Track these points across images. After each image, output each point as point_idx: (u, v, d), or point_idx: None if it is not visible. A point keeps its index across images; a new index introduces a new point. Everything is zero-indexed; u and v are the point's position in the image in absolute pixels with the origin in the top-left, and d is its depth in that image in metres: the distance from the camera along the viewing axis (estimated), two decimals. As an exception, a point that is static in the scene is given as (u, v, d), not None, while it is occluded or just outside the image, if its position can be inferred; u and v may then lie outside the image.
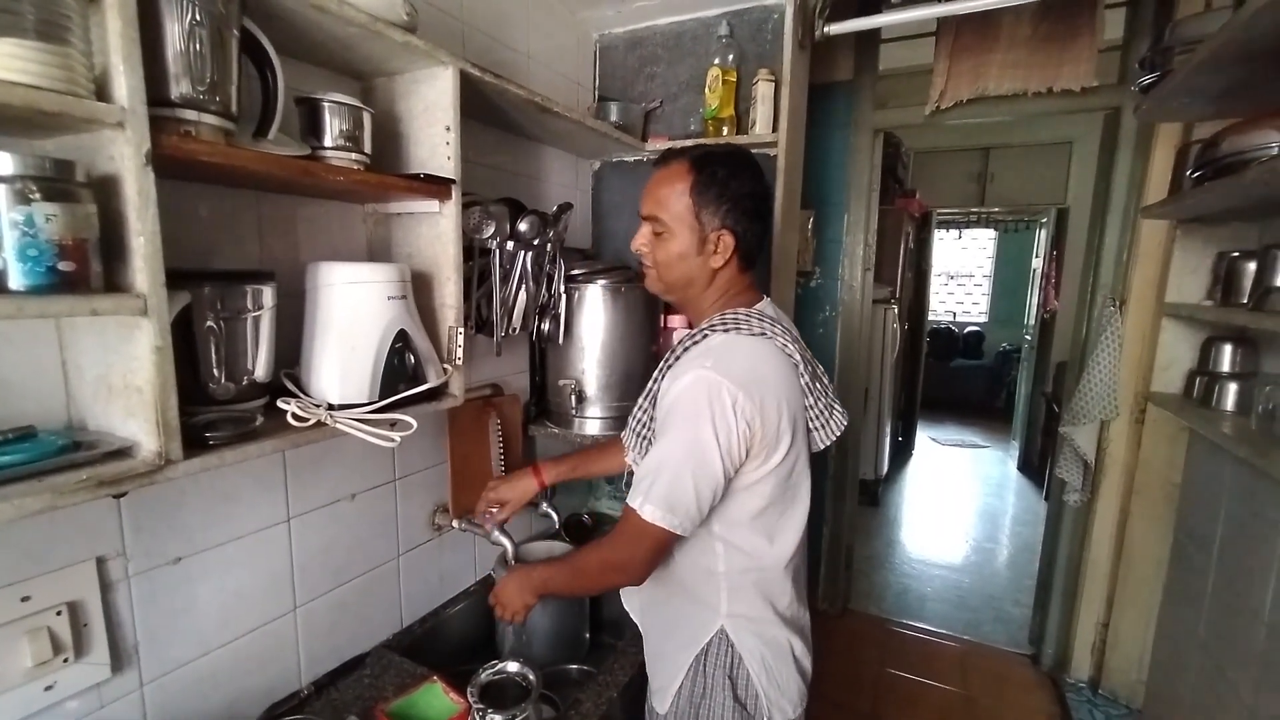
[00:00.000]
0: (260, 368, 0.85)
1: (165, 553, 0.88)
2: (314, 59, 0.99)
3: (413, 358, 0.98)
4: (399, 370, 0.95)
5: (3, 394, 0.70)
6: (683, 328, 1.60)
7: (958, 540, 3.61)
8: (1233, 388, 1.64)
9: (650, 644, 1.09)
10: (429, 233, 1.07)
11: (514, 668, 1.02)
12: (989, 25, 2.09)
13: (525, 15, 1.53)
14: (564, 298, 1.42)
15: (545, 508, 1.45)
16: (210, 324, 0.78)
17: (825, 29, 1.72)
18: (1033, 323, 4.85)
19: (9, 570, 0.73)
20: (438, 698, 1.03)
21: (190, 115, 0.69)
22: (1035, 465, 4.41)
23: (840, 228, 2.44)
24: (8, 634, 0.73)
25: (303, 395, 0.89)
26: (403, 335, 0.95)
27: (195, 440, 0.71)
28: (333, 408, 0.88)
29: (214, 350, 0.79)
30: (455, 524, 1.35)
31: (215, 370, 0.79)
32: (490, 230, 1.19)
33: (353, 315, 0.91)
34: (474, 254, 1.20)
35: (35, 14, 0.55)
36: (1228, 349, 1.71)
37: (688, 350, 0.95)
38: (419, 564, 1.34)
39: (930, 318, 5.83)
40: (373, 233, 1.14)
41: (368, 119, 0.93)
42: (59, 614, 0.77)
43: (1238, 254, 1.63)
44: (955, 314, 7.34)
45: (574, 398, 1.47)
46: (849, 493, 2.73)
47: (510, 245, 1.26)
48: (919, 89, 2.27)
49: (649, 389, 1.02)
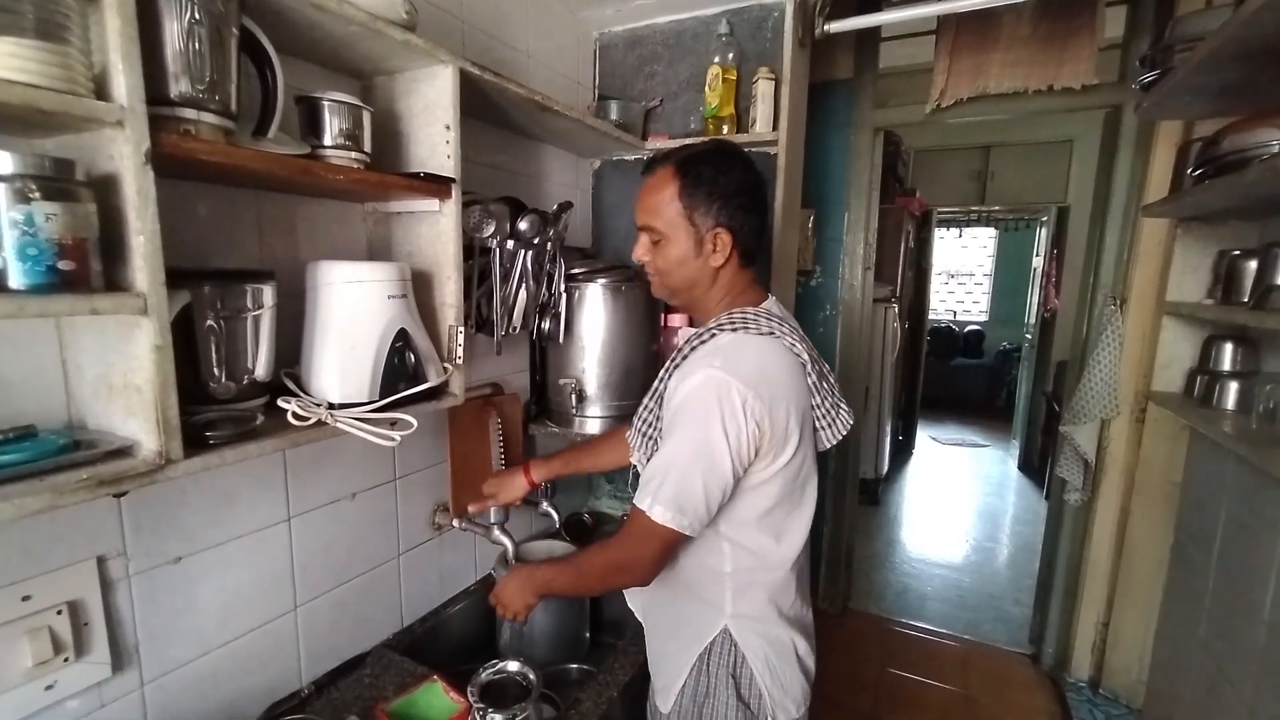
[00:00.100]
0: (260, 367, 0.85)
1: (166, 552, 0.88)
2: (313, 57, 0.99)
3: (413, 357, 0.97)
4: (399, 369, 0.95)
5: (3, 393, 0.70)
6: (683, 326, 1.60)
7: (958, 539, 3.62)
8: (1233, 386, 1.64)
9: (653, 643, 1.09)
10: (429, 232, 1.07)
11: (514, 667, 1.02)
12: (989, 23, 2.09)
13: (525, 14, 1.53)
14: (564, 296, 1.42)
15: (545, 507, 1.44)
16: (210, 323, 0.78)
17: (825, 27, 1.72)
18: (1033, 321, 4.85)
19: (9, 570, 0.73)
20: (438, 697, 1.03)
21: (190, 114, 0.69)
22: (1035, 464, 4.41)
23: (840, 226, 2.44)
24: (8, 633, 0.73)
25: (303, 394, 0.89)
26: (403, 334, 0.95)
27: (195, 439, 0.71)
28: (333, 407, 0.88)
29: (214, 349, 0.79)
30: (455, 523, 1.35)
31: (215, 369, 0.79)
32: (490, 229, 1.19)
33: (353, 314, 0.91)
34: (474, 253, 1.20)
35: (34, 13, 0.55)
36: (1228, 348, 1.71)
37: (695, 349, 0.94)
38: (419, 563, 1.34)
39: (930, 317, 5.83)
40: (373, 232, 1.14)
41: (367, 118, 0.93)
42: (59, 613, 0.76)
43: (1238, 252, 1.63)
44: (955, 313, 7.34)
45: (574, 397, 1.47)
46: (849, 492, 2.73)
47: (510, 244, 1.26)
48: (919, 87, 2.26)
49: (655, 388, 1.01)
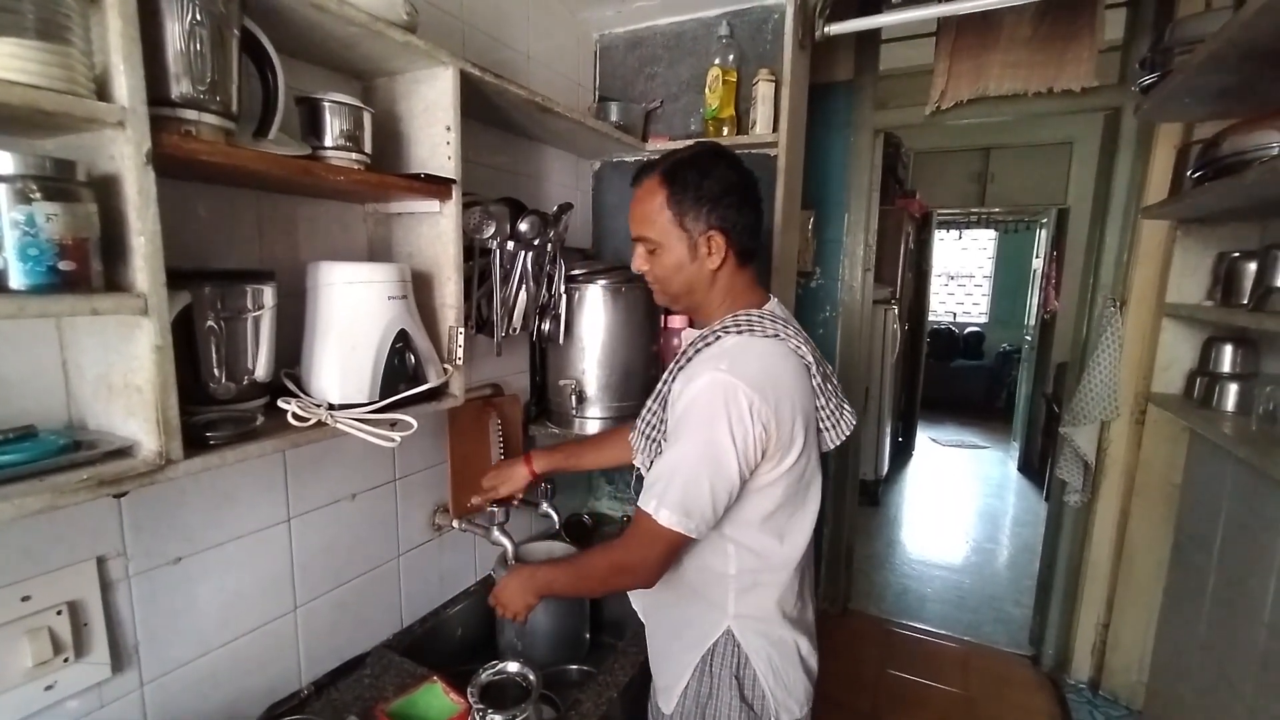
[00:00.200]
0: (260, 367, 0.85)
1: (165, 552, 0.88)
2: (314, 58, 0.99)
3: (413, 358, 0.98)
4: (399, 370, 0.95)
5: (3, 393, 0.70)
6: (684, 326, 1.60)
7: (958, 541, 3.61)
8: (1233, 388, 1.64)
9: (655, 643, 1.09)
10: (429, 232, 1.07)
11: (514, 668, 1.02)
12: (989, 25, 2.09)
13: (525, 15, 1.53)
14: (564, 298, 1.42)
15: (545, 507, 1.44)
16: (211, 323, 0.78)
17: (825, 29, 1.72)
18: (1033, 323, 4.84)
19: (9, 570, 0.73)
20: (438, 698, 1.03)
21: (191, 115, 0.69)
22: (1035, 466, 4.41)
23: (840, 228, 2.44)
24: (8, 634, 0.73)
25: (303, 395, 0.89)
26: (403, 335, 0.95)
27: (196, 440, 0.71)
28: (333, 407, 0.88)
29: (214, 350, 0.79)
30: (455, 524, 1.35)
31: (216, 370, 0.80)
32: (490, 230, 1.20)
33: (353, 315, 0.91)
34: (474, 254, 1.21)
35: (35, 13, 0.55)
36: (1228, 349, 1.71)
37: (700, 352, 0.94)
38: (419, 564, 1.34)
39: (930, 318, 5.82)
40: (373, 232, 1.14)
41: (368, 119, 0.93)
42: (59, 614, 0.76)
43: (1238, 254, 1.63)
44: (955, 314, 7.34)
45: (574, 398, 1.47)
46: (849, 493, 2.73)
47: (510, 245, 1.26)
48: (919, 89, 2.27)
49: (658, 391, 1.01)
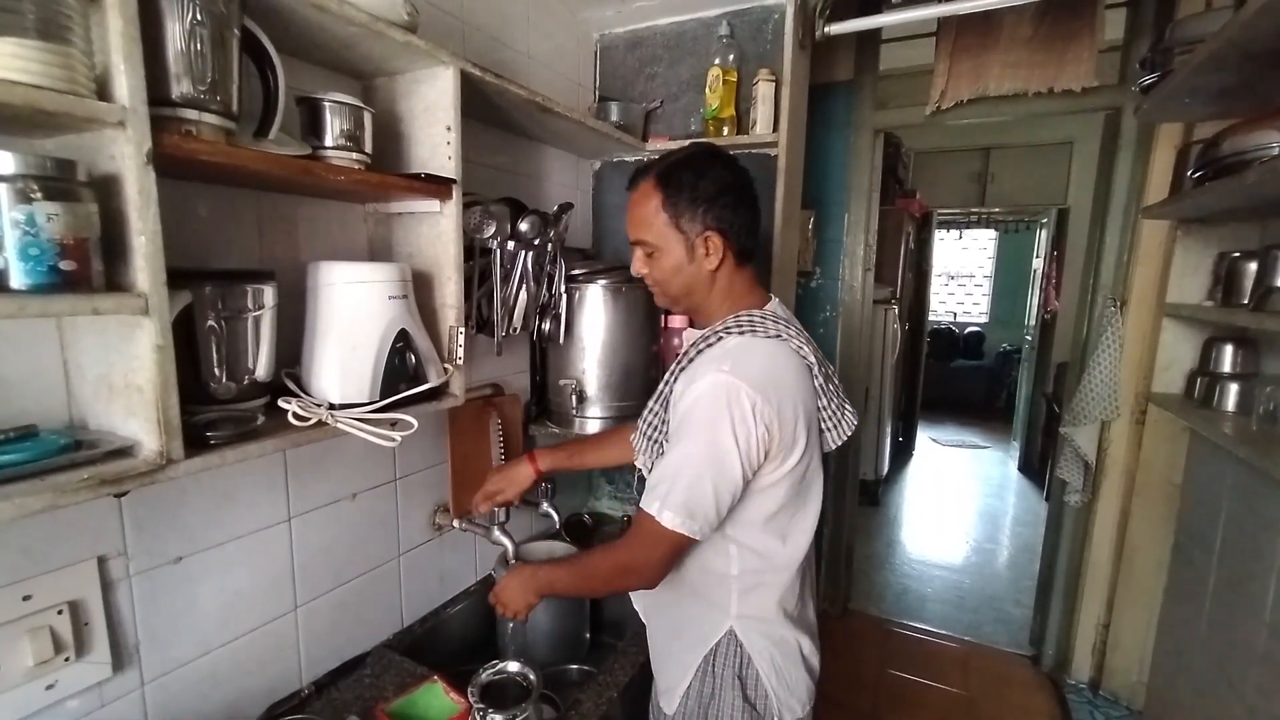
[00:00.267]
0: (261, 367, 0.85)
1: (166, 552, 0.88)
2: (315, 58, 0.99)
3: (413, 357, 0.98)
4: (400, 370, 0.95)
5: (4, 393, 0.71)
6: (684, 326, 1.60)
7: (958, 541, 3.61)
8: (1233, 388, 1.64)
9: (656, 644, 1.08)
10: (430, 232, 1.07)
11: (514, 668, 1.02)
12: (989, 25, 2.09)
13: (526, 15, 1.53)
14: (564, 297, 1.43)
15: (546, 507, 1.44)
16: (211, 323, 0.78)
17: (826, 29, 1.72)
18: (1033, 323, 4.84)
19: (10, 569, 0.73)
20: (438, 697, 1.03)
21: (191, 115, 0.69)
22: (1036, 466, 4.41)
23: (841, 228, 2.44)
24: (9, 633, 0.73)
25: (304, 395, 0.89)
26: (404, 335, 0.95)
27: (196, 439, 0.71)
28: (333, 407, 0.88)
29: (215, 350, 0.79)
30: (456, 524, 1.35)
31: (216, 370, 0.80)
32: (491, 230, 1.20)
33: (354, 315, 0.91)
34: (474, 254, 1.21)
35: (36, 13, 0.55)
36: (1228, 349, 1.71)
37: (702, 353, 0.94)
38: (419, 564, 1.34)
39: (930, 318, 5.82)
40: (373, 232, 1.14)
41: (368, 119, 0.93)
42: (60, 613, 0.77)
43: (1238, 254, 1.63)
44: (956, 314, 7.34)
45: (575, 397, 1.48)
46: (849, 493, 2.73)
47: (511, 245, 1.26)
48: (919, 89, 2.27)
49: (660, 392, 1.01)
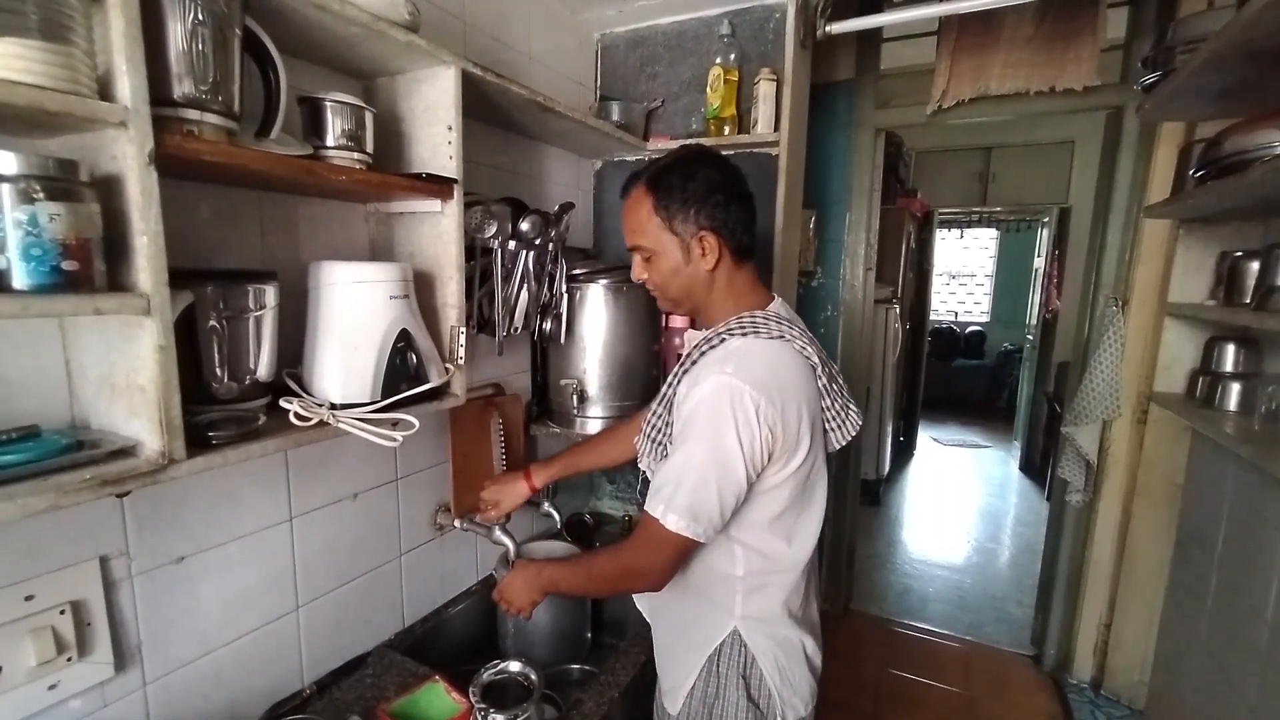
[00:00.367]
0: (263, 367, 0.85)
1: (168, 552, 0.88)
2: (316, 58, 0.99)
3: (415, 357, 0.98)
4: (401, 370, 0.95)
5: (6, 393, 0.71)
6: (685, 326, 1.60)
7: (959, 540, 3.61)
8: (1235, 388, 1.64)
9: (661, 644, 1.09)
10: (431, 232, 1.07)
11: (516, 667, 1.02)
12: (991, 24, 2.09)
13: (527, 15, 1.53)
14: (565, 297, 1.43)
15: (547, 507, 1.44)
16: (213, 323, 0.78)
17: (827, 28, 1.72)
18: (1034, 322, 4.84)
19: (13, 569, 0.73)
20: (439, 697, 1.03)
21: (193, 115, 0.69)
22: (1037, 465, 4.40)
23: (842, 227, 2.44)
24: (12, 633, 0.73)
25: (305, 395, 0.89)
26: (405, 335, 0.95)
27: (198, 439, 0.71)
28: (335, 407, 0.88)
29: (217, 350, 0.79)
30: (457, 523, 1.35)
31: (218, 369, 0.80)
32: (492, 230, 1.20)
33: (355, 315, 0.91)
34: (476, 253, 1.21)
35: (39, 14, 0.56)
36: (1230, 349, 1.71)
37: (705, 355, 0.94)
38: (421, 563, 1.34)
39: (932, 317, 5.82)
40: (375, 232, 1.14)
41: (370, 118, 0.93)
42: (62, 613, 0.77)
43: (1240, 254, 1.63)
44: (957, 314, 7.33)
45: (576, 397, 1.48)
46: (850, 492, 2.73)
47: (512, 245, 1.26)
48: (921, 88, 2.26)
49: (663, 394, 1.00)
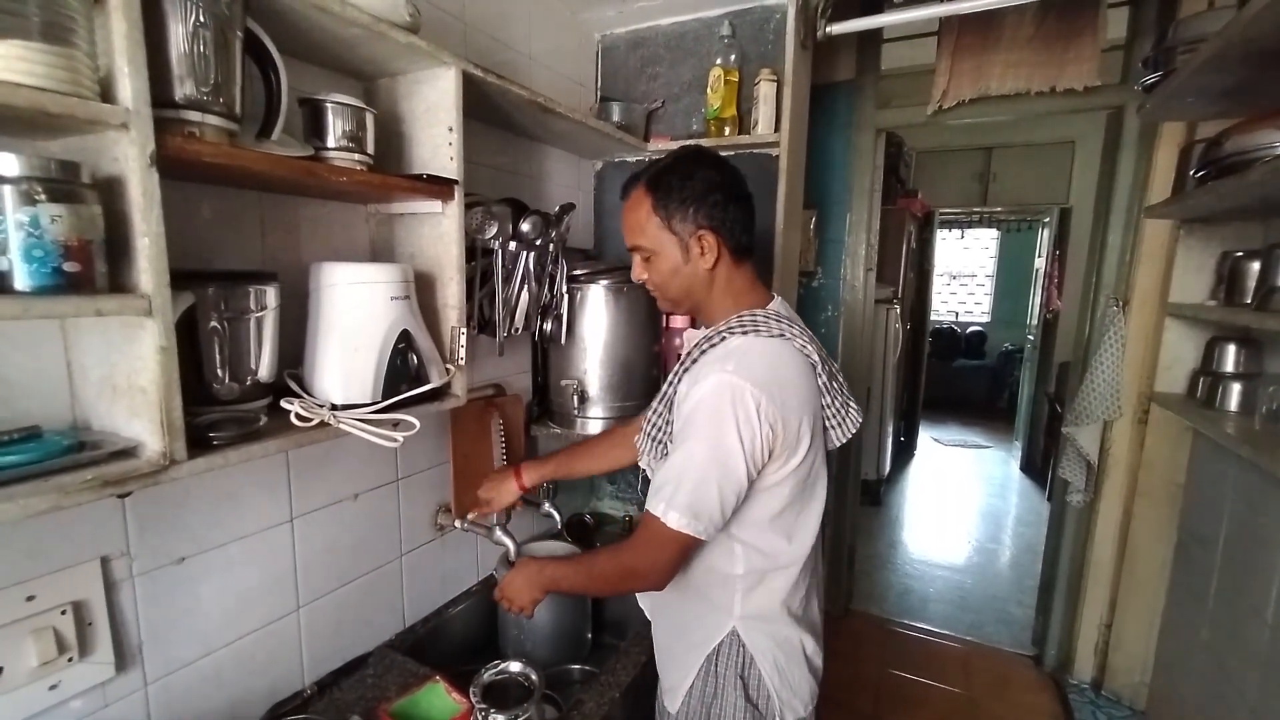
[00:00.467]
0: (264, 368, 0.85)
1: (169, 552, 0.89)
2: (317, 60, 0.99)
3: (415, 358, 0.98)
4: (402, 370, 0.95)
5: (8, 394, 0.71)
6: (685, 327, 1.60)
7: (960, 541, 3.61)
8: (1236, 388, 1.64)
9: (660, 643, 1.09)
10: (431, 233, 1.07)
11: (516, 668, 1.02)
12: (991, 25, 2.09)
13: (527, 16, 1.53)
14: (566, 298, 1.43)
15: (547, 507, 1.45)
16: (214, 324, 0.78)
17: (827, 29, 1.72)
18: (1035, 323, 4.83)
19: (14, 570, 0.73)
20: (440, 697, 1.03)
21: (194, 116, 0.69)
22: (1038, 466, 4.40)
23: (842, 228, 2.44)
24: (13, 633, 0.73)
25: (306, 395, 0.89)
26: (405, 335, 0.95)
27: (199, 440, 0.71)
28: (336, 408, 0.88)
29: (218, 350, 0.79)
30: (458, 524, 1.36)
31: (219, 370, 0.80)
32: (493, 230, 1.20)
33: (356, 316, 0.91)
34: (476, 254, 1.21)
35: (40, 16, 0.56)
36: (1231, 349, 1.71)
37: (705, 353, 0.94)
38: (421, 564, 1.34)
39: (932, 318, 5.82)
40: (375, 233, 1.14)
41: (370, 120, 0.93)
42: (64, 613, 0.77)
43: (1241, 254, 1.63)
44: (958, 314, 7.33)
45: (576, 398, 1.48)
46: (851, 493, 2.73)
47: (512, 245, 1.26)
48: (921, 89, 2.26)
49: (664, 393, 1.01)
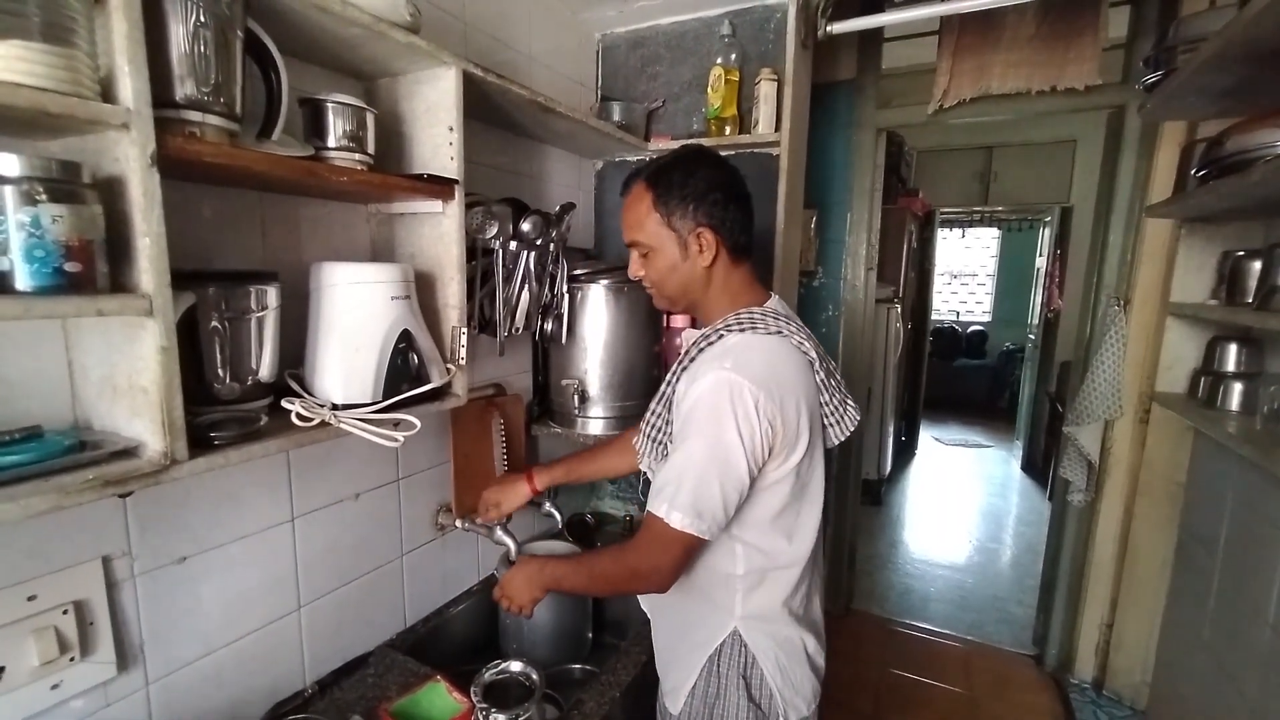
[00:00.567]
0: (264, 368, 0.86)
1: (170, 552, 0.89)
2: (317, 60, 0.99)
3: (416, 358, 0.98)
4: (402, 370, 0.96)
5: (9, 394, 0.71)
6: (686, 326, 1.60)
7: (961, 540, 3.61)
8: (1237, 387, 1.64)
9: (661, 643, 1.08)
10: (432, 233, 1.07)
11: (517, 667, 1.02)
12: (992, 24, 2.09)
13: (527, 16, 1.53)
14: (566, 297, 1.43)
15: (548, 507, 1.45)
16: (215, 324, 0.78)
17: (828, 28, 1.71)
18: (1036, 322, 4.83)
19: (15, 569, 0.73)
20: (441, 697, 1.04)
21: (195, 116, 0.69)
22: (1039, 465, 4.40)
23: (843, 227, 2.44)
24: (14, 633, 0.73)
25: (307, 395, 0.89)
26: (406, 335, 0.95)
27: (200, 440, 0.71)
28: (336, 408, 0.88)
29: (218, 350, 0.79)
30: (458, 524, 1.36)
31: (220, 370, 0.80)
32: (493, 230, 1.20)
33: (356, 315, 0.91)
34: (477, 254, 1.21)
35: (41, 16, 0.56)
36: (1232, 348, 1.71)
37: (703, 351, 0.94)
38: (422, 563, 1.34)
39: (933, 317, 5.81)
40: (376, 233, 1.14)
41: (371, 119, 0.93)
42: (65, 613, 0.77)
43: (1242, 253, 1.62)
44: (958, 313, 7.33)
45: (577, 397, 1.48)
46: (852, 492, 2.73)
47: (513, 245, 1.26)
48: (922, 88, 2.26)
49: (662, 392, 1.00)
